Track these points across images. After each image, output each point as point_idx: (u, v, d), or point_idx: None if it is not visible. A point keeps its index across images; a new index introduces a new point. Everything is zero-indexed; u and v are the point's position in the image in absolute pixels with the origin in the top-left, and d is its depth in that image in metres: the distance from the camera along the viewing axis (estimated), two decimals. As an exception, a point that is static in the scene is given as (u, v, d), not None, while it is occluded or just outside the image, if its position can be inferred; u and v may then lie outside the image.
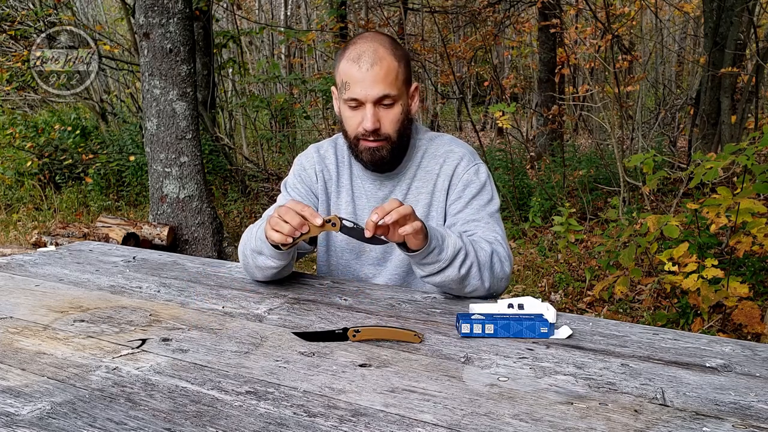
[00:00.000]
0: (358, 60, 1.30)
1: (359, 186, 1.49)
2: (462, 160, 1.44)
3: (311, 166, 1.51)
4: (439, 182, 1.44)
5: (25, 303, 1.29)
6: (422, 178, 1.46)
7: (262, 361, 1.00)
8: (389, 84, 1.31)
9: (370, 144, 1.35)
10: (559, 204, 4.92)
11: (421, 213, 1.44)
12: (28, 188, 6.83)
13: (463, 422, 0.80)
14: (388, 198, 1.46)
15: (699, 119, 5.97)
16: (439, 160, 1.45)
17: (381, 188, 1.47)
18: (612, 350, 1.03)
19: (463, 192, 1.42)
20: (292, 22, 12.40)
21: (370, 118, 1.31)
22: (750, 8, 5.78)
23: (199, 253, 4.39)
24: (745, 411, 0.83)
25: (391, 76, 1.31)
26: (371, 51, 1.30)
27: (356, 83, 1.30)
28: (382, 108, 1.33)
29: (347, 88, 1.32)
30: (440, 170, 1.44)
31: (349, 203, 1.49)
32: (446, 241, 1.22)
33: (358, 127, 1.34)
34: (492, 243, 1.33)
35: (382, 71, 1.29)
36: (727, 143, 3.70)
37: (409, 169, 1.46)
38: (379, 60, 1.30)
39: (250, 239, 1.34)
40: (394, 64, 1.32)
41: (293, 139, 8.21)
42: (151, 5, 4.08)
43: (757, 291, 3.20)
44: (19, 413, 0.83)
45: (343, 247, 1.50)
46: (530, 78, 11.64)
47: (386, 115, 1.34)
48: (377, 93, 1.30)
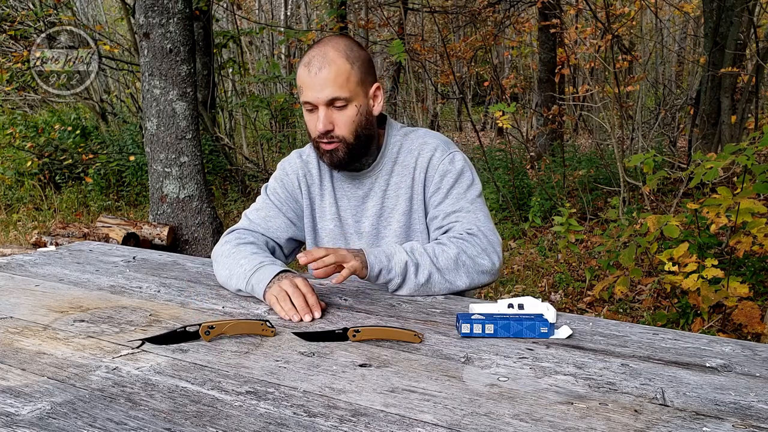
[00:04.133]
0: (309, 65, 1.34)
1: (339, 187, 1.52)
2: (436, 150, 1.45)
3: (294, 172, 1.54)
4: (416, 175, 1.46)
5: (25, 303, 1.29)
6: (400, 173, 1.48)
7: (262, 361, 1.00)
8: (339, 86, 1.33)
9: (326, 146, 1.38)
10: (559, 204, 4.92)
11: (404, 207, 1.47)
12: (28, 188, 6.83)
13: (463, 422, 0.80)
14: (368, 196, 1.49)
15: (699, 119, 5.97)
16: (413, 153, 1.47)
17: (360, 187, 1.50)
18: (612, 350, 1.03)
19: (440, 183, 1.44)
20: (292, 22, 12.40)
21: (322, 119, 1.35)
22: (750, 8, 5.78)
23: (199, 253, 4.39)
24: (745, 411, 0.83)
25: (341, 78, 1.33)
26: (320, 55, 1.34)
27: (307, 87, 1.34)
28: (335, 110, 1.36)
29: (301, 92, 1.37)
30: (416, 163, 1.46)
31: (332, 204, 1.52)
32: (392, 261, 1.29)
33: (315, 130, 1.37)
34: (463, 239, 1.35)
35: (331, 74, 1.32)
36: (727, 143, 3.70)
37: (385, 166, 1.48)
38: (328, 64, 1.32)
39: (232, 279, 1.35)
40: (345, 66, 1.34)
41: (293, 139, 8.21)
42: (151, 5, 4.08)
43: (757, 291, 3.20)
44: (19, 413, 0.83)
45: (326, 243, 1.53)
46: (530, 78, 11.64)
47: (339, 116, 1.36)
48: (326, 96, 1.33)
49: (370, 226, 1.49)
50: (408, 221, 1.48)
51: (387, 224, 1.49)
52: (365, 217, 1.50)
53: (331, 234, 1.52)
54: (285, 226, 1.52)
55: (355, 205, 1.51)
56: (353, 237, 1.51)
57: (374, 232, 1.49)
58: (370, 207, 1.49)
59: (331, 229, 1.52)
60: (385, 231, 1.49)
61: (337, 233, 1.52)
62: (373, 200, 1.49)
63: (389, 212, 1.49)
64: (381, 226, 1.49)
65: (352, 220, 1.51)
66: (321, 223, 1.53)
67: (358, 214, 1.51)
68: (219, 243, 1.47)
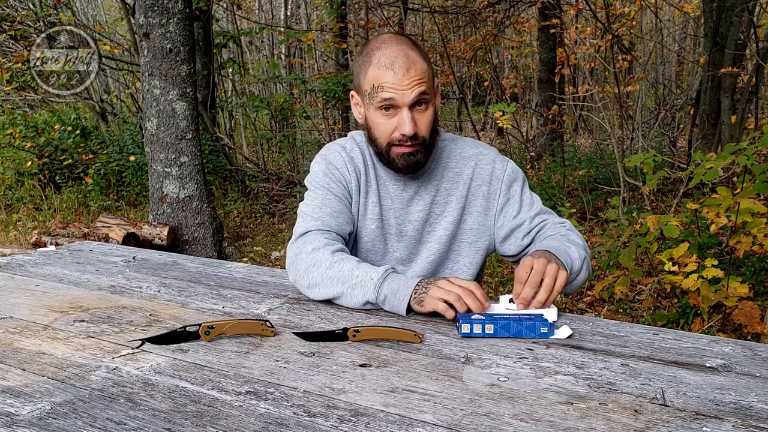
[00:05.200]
0: (392, 66, 1.28)
1: (384, 187, 1.46)
2: (495, 162, 1.45)
3: (343, 165, 1.44)
4: (474, 186, 1.44)
5: (25, 303, 1.29)
6: (451, 179, 1.44)
7: (262, 361, 1.00)
8: (426, 86, 1.31)
9: (405, 149, 1.33)
10: (559, 204, 4.92)
11: (453, 216, 1.44)
12: (28, 188, 6.83)
13: (463, 422, 0.80)
14: (414, 199, 1.43)
15: (699, 119, 5.97)
16: (469, 162, 1.45)
17: (405, 189, 1.44)
18: (612, 350, 1.03)
19: (508, 192, 1.44)
20: (292, 22, 12.40)
21: (409, 123, 1.29)
22: (750, 8, 5.78)
23: (199, 253, 4.39)
24: (745, 411, 0.83)
25: (426, 77, 1.31)
26: (403, 55, 1.29)
27: (392, 88, 1.29)
28: (417, 111, 1.32)
29: (379, 91, 1.30)
30: (473, 173, 1.44)
31: (376, 204, 1.45)
32: (570, 255, 1.29)
33: (393, 133, 1.32)
34: (563, 224, 1.44)
35: (417, 74, 1.29)
36: (727, 143, 3.70)
37: (434, 170, 1.44)
38: (413, 63, 1.29)
39: (346, 295, 1.24)
40: (425, 65, 1.32)
41: (293, 139, 8.21)
42: (151, 5, 4.08)
43: (757, 291, 3.20)
44: (19, 413, 0.83)
45: (368, 248, 1.47)
46: (530, 78, 11.64)
47: (421, 118, 1.32)
48: (415, 96, 1.29)
49: (413, 231, 1.44)
50: (455, 230, 1.44)
51: (432, 230, 1.45)
52: (409, 221, 1.44)
53: (371, 234, 1.45)
54: (352, 221, 1.44)
55: (399, 208, 1.45)
56: (393, 239, 1.46)
57: (417, 237, 1.45)
58: (416, 211, 1.44)
59: (372, 229, 1.45)
60: (429, 236, 1.45)
61: (377, 234, 1.45)
62: (419, 204, 1.44)
63: (435, 218, 1.44)
64: (425, 231, 1.45)
65: (395, 222, 1.45)
66: (362, 222, 1.45)
67: (401, 217, 1.44)
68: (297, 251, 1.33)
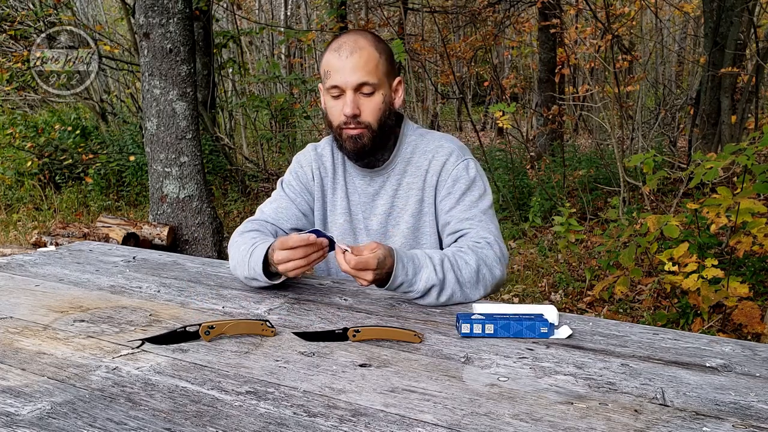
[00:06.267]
0: (339, 49, 1.35)
1: (351, 182, 1.53)
2: (451, 155, 1.45)
3: (308, 164, 1.55)
4: (429, 178, 1.46)
5: (25, 303, 1.29)
6: (413, 173, 1.48)
7: (262, 361, 1.00)
8: (368, 72, 1.34)
9: (351, 131, 1.38)
10: (559, 204, 4.92)
11: (413, 209, 1.47)
12: (28, 188, 6.83)
13: (463, 422, 0.80)
14: (379, 193, 1.49)
15: (699, 119, 5.97)
16: (428, 155, 1.47)
17: (371, 184, 1.50)
18: (612, 350, 1.03)
19: (452, 188, 1.43)
20: (292, 22, 12.40)
21: (350, 103, 1.35)
22: (750, 8, 5.78)
23: (199, 253, 4.39)
24: (745, 411, 0.83)
25: (371, 64, 1.35)
26: (351, 41, 1.36)
27: (336, 71, 1.35)
28: (362, 96, 1.37)
29: (328, 76, 1.37)
30: (429, 165, 1.46)
31: (344, 199, 1.52)
32: (417, 277, 1.22)
33: (340, 115, 1.38)
34: (482, 248, 1.32)
35: (362, 59, 1.34)
36: (727, 143, 3.70)
37: (398, 165, 1.48)
38: (359, 49, 1.35)
39: (243, 266, 1.34)
40: (375, 54, 1.36)
41: (293, 139, 8.21)
42: (151, 5, 4.07)
43: (757, 291, 3.20)
44: (19, 413, 0.83)
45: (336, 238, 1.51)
46: (530, 78, 11.65)
47: (366, 102, 1.37)
48: (357, 79, 1.34)
49: (378, 224, 1.50)
50: (416, 223, 1.47)
51: (395, 224, 1.49)
52: (374, 215, 1.50)
53: (341, 228, 1.52)
54: (295, 218, 1.51)
55: (366, 202, 1.51)
56: (362, 233, 1.52)
57: (382, 231, 1.50)
58: (380, 205, 1.49)
59: (341, 223, 1.52)
60: (394, 230, 1.49)
61: (346, 228, 1.52)
62: (383, 198, 1.49)
63: (398, 212, 1.49)
64: (389, 225, 1.49)
65: (362, 216, 1.51)
66: (331, 216, 1.54)
67: (367, 211, 1.51)
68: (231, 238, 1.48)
